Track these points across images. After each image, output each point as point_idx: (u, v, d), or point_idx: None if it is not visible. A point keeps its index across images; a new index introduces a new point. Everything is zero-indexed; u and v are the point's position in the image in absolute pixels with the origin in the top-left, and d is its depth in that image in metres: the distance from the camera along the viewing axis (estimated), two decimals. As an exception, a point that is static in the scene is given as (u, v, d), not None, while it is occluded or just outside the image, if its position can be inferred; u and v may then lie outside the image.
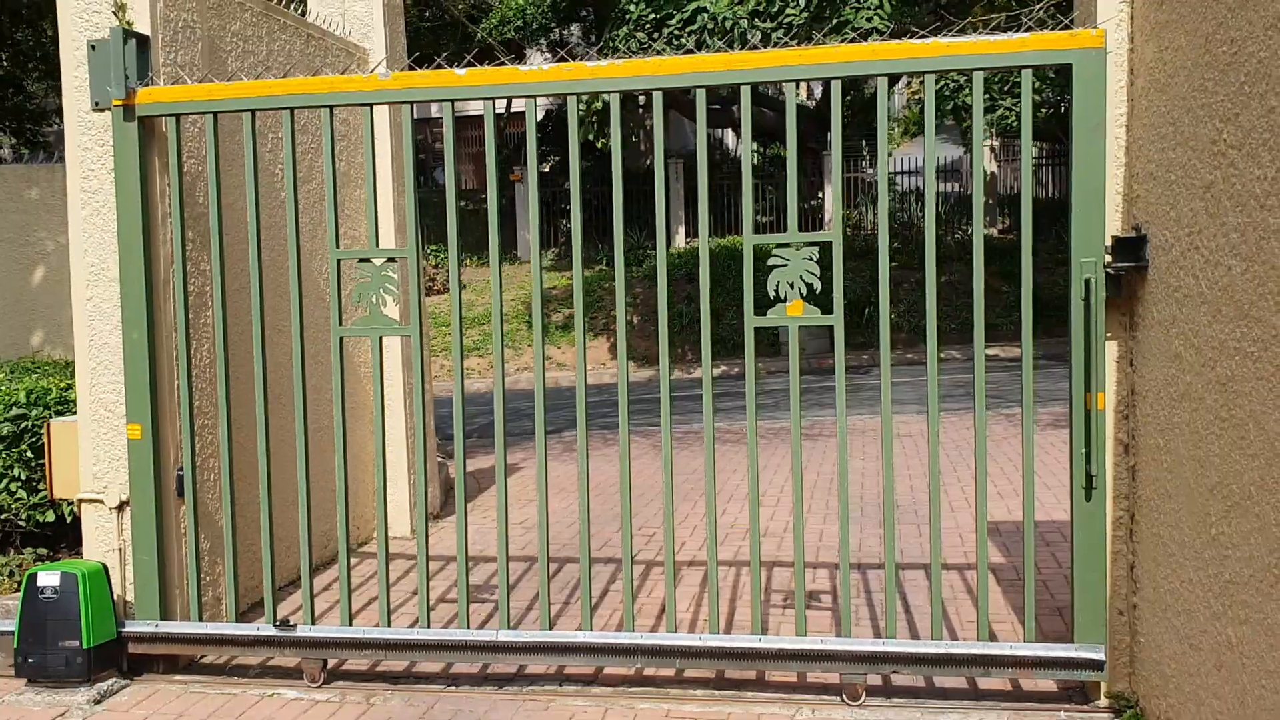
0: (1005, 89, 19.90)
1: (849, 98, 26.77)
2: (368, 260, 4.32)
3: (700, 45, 15.43)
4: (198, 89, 4.31)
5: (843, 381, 4.13)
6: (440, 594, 5.34)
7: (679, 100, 22.25)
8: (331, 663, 4.45)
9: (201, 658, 4.63)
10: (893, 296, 18.83)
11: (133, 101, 4.30)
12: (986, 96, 20.16)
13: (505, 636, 4.24)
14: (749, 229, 4.17)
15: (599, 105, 15.94)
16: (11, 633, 4.38)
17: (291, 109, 4.30)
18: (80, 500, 4.55)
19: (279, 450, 5.06)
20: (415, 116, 4.30)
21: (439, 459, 7.60)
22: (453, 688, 4.30)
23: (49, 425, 4.64)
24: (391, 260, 4.36)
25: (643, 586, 5.47)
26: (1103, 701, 3.92)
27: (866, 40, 14.38)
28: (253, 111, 4.32)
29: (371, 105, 4.29)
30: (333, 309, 4.35)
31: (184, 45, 4.68)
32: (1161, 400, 3.51)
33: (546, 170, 25.54)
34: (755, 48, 15.35)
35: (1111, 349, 3.84)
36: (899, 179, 24.34)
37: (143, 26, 4.41)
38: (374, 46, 6.61)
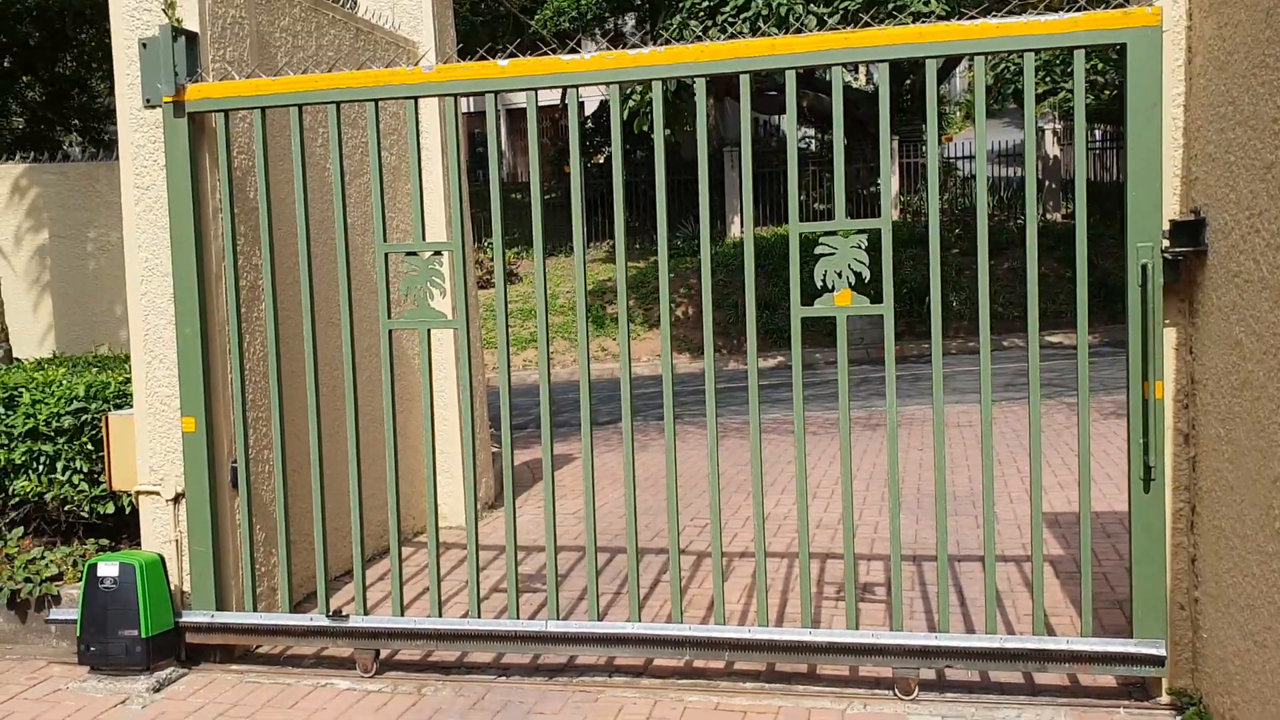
0: (1067, 71, 19.48)
1: (909, 82, 26.43)
2: (415, 254, 4.33)
3: (755, 33, 15.32)
4: (245, 84, 4.35)
5: (892, 371, 4.06)
6: (493, 584, 5.36)
7: (733, 87, 22.13)
8: (384, 653, 4.49)
9: (257, 648, 4.69)
10: (954, 284, 18.56)
11: (183, 98, 4.36)
12: (1048, 79, 19.79)
13: (555, 627, 4.25)
14: (795, 217, 4.12)
15: (651, 95, 15.89)
16: (75, 621, 4.48)
17: (337, 103, 4.32)
18: (138, 492, 4.64)
19: (332, 443, 5.11)
20: (474, 110, 4.32)
21: (494, 450, 7.63)
22: (503, 678, 4.31)
23: (107, 418, 4.73)
24: (438, 253, 4.37)
25: (693, 578, 5.44)
26: (1164, 698, 3.82)
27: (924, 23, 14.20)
28: (299, 106, 4.36)
29: (415, 98, 4.30)
30: (380, 302, 4.37)
31: (232, 41, 4.73)
32: (1222, 389, 3.40)
33: (602, 162, 25.53)
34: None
35: (1170, 336, 3.73)
36: (961, 164, 23.97)
37: (192, 23, 4.47)
38: (423, 39, 6.64)
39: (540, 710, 4.00)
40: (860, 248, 4.02)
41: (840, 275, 4.04)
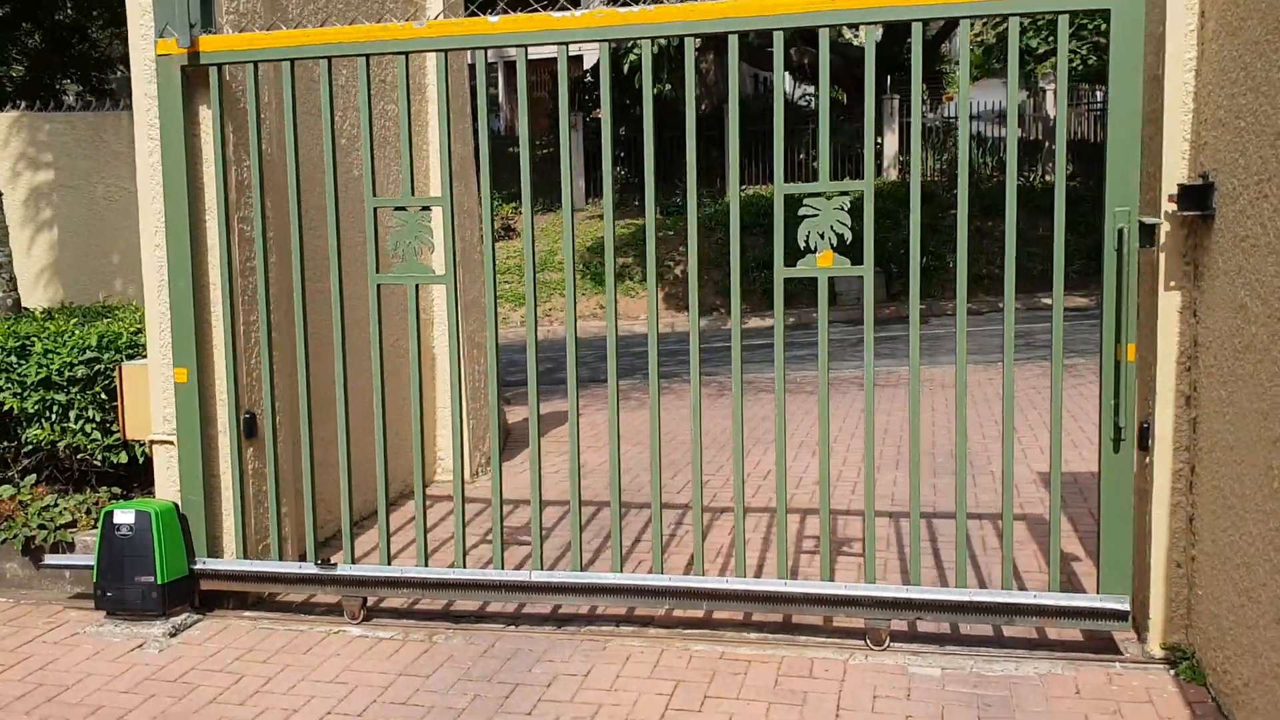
0: (1073, 32, 19.40)
1: (908, 41, 26.17)
2: (403, 209, 4.37)
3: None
4: (239, 39, 4.37)
5: (871, 332, 4.15)
6: (483, 535, 5.44)
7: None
8: (400, 602, 4.59)
9: (271, 595, 4.78)
10: (951, 244, 18.54)
11: (193, 49, 4.36)
12: (1050, 39, 19.65)
13: (538, 577, 4.35)
14: (780, 178, 4.14)
15: (653, 49, 15.76)
16: (90, 567, 4.56)
17: (329, 58, 4.33)
18: (151, 441, 4.70)
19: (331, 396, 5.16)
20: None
21: (500, 406, 7.69)
22: (512, 627, 4.41)
23: (121, 368, 4.78)
24: (426, 209, 4.40)
25: (675, 533, 5.55)
26: (1158, 652, 3.92)
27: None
28: (291, 61, 4.36)
29: (407, 54, 4.31)
30: (369, 257, 4.42)
31: (246, -8, 4.72)
32: (1225, 352, 3.46)
33: (596, 116, 25.38)
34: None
35: (1174, 299, 3.79)
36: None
37: (206, -27, 4.46)
38: (431, -8, 6.62)
39: (549, 658, 4.09)
40: (843, 209, 4.07)
41: (823, 236, 4.10)
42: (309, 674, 4.02)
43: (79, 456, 5.17)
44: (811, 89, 29.81)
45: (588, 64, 26.96)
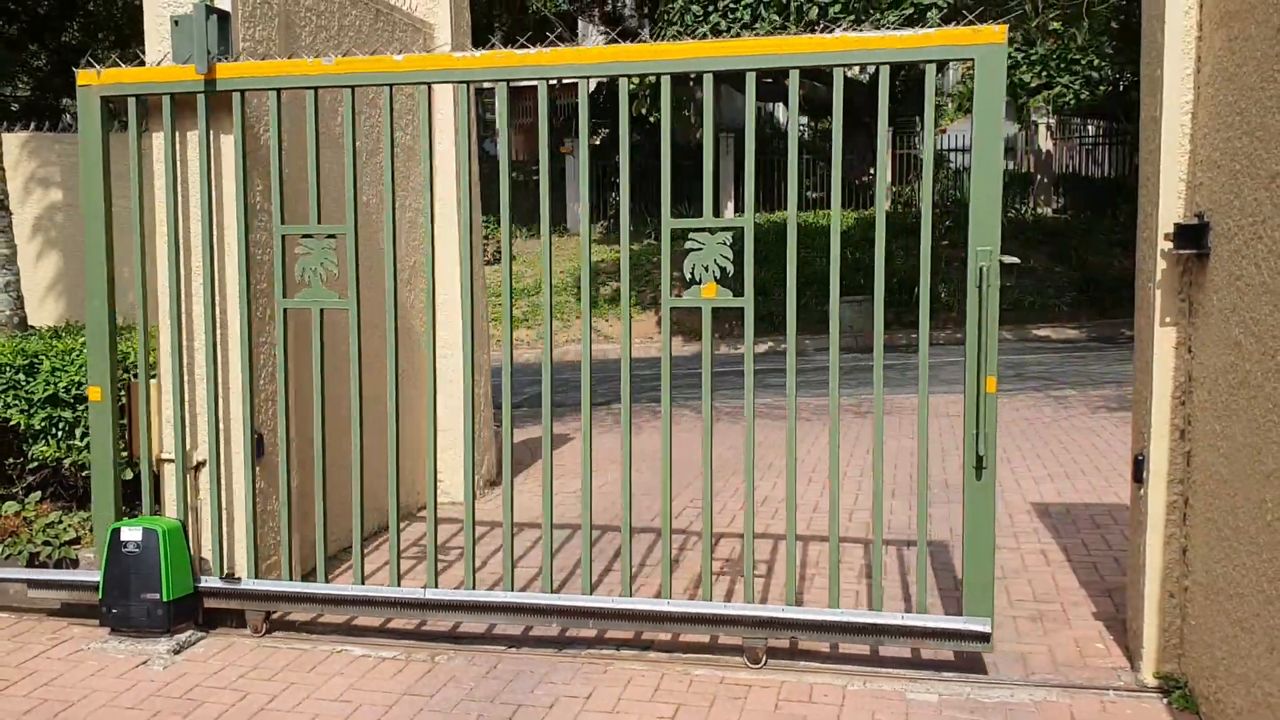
0: (1061, 66, 19.65)
1: (903, 74, 26.47)
2: (310, 236, 4.49)
3: (755, 19, 15.40)
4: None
5: (751, 364, 4.34)
6: (483, 559, 5.49)
7: (734, 76, 22.19)
8: (407, 624, 4.63)
9: (273, 614, 4.81)
10: (943, 275, 18.70)
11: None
12: (1044, 74, 19.90)
13: (432, 595, 4.50)
14: (666, 213, 4.30)
15: (651, 79, 15.94)
16: (94, 583, 4.59)
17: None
18: (160, 460, 4.74)
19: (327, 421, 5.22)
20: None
21: (496, 427, 7.75)
22: (513, 649, 4.45)
23: (131, 387, 4.83)
24: (332, 236, 4.51)
25: (649, 555, 5.61)
26: (1151, 681, 3.98)
27: (925, 17, 14.26)
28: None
29: (316, 89, 4.42)
30: (275, 282, 4.53)
31: (262, 20, 4.81)
32: (1219, 387, 3.55)
33: (598, 143, 25.56)
34: (813, 24, 15.15)
35: (1170, 335, 3.88)
36: (951, 156, 24.14)
37: (223, 2, 4.55)
38: (439, 22, 6.72)
39: (551, 680, 4.14)
40: (725, 244, 4.25)
41: (707, 269, 4.26)
42: (313, 692, 4.06)
43: (84, 474, 5.21)
44: (805, 120, 30.04)
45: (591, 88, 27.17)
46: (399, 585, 4.55)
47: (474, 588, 4.52)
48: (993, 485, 4.02)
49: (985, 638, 4.06)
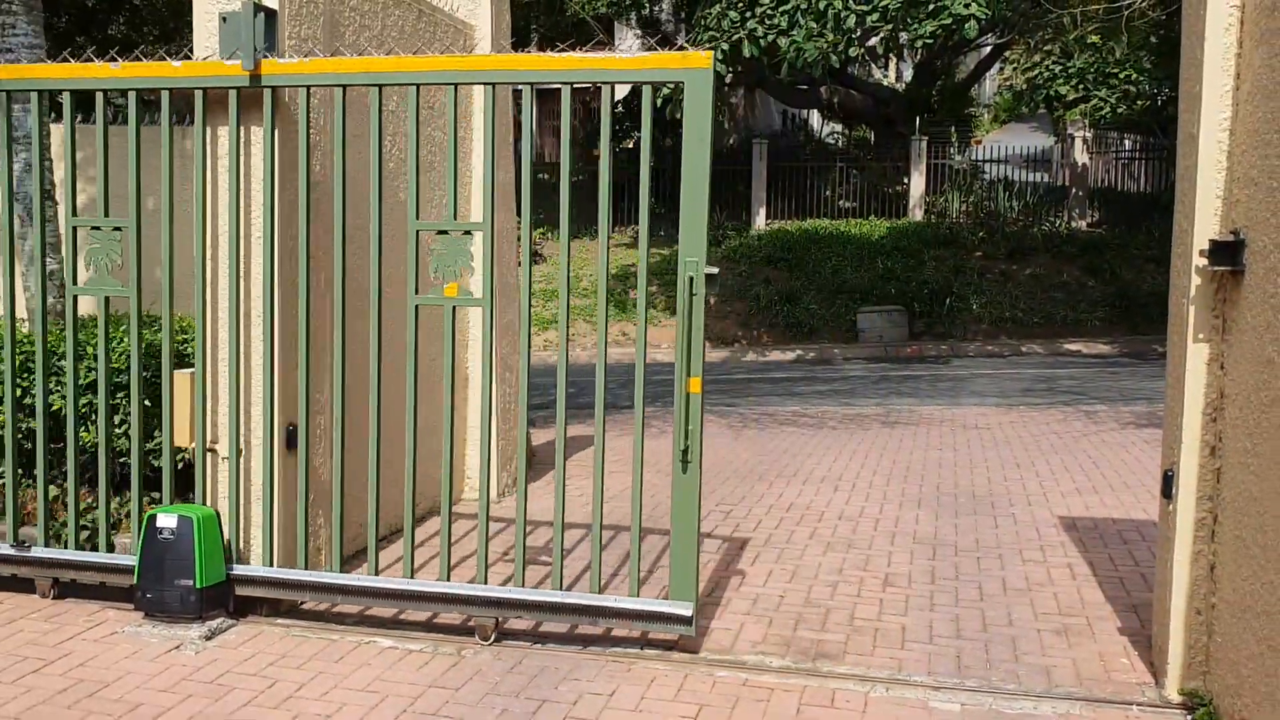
0: (1099, 80, 19.54)
1: (941, 82, 26.44)
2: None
3: (792, 26, 15.41)
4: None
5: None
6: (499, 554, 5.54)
7: (765, 80, 22.19)
8: (414, 615, 4.70)
9: (302, 603, 4.88)
10: (975, 286, 18.64)
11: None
12: (1080, 87, 19.79)
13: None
14: (412, 216, 4.50)
15: (676, 85, 15.95)
16: (128, 568, 4.68)
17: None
18: (204, 449, 4.82)
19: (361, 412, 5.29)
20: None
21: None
22: (539, 645, 4.50)
23: (171, 375, 4.90)
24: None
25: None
26: (1175, 697, 3.97)
27: (964, 25, 14.20)
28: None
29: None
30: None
31: (307, 19, 4.89)
32: (1251, 405, 3.54)
33: (630, 147, 25.63)
34: (850, 31, 15.11)
35: (1203, 351, 3.87)
36: (987, 166, 24.04)
37: (271, 0, 4.63)
38: (480, 23, 6.79)
39: (575, 676, 4.18)
40: (467, 247, 4.47)
41: (450, 269, 4.50)
42: (341, 681, 4.12)
43: (120, 460, 5.30)
44: (839, 127, 30.04)
45: (619, 95, 27.25)
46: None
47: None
48: (697, 478, 4.28)
49: (688, 620, 4.31)
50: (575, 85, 4.31)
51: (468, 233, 4.55)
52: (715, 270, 4.23)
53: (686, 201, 4.16)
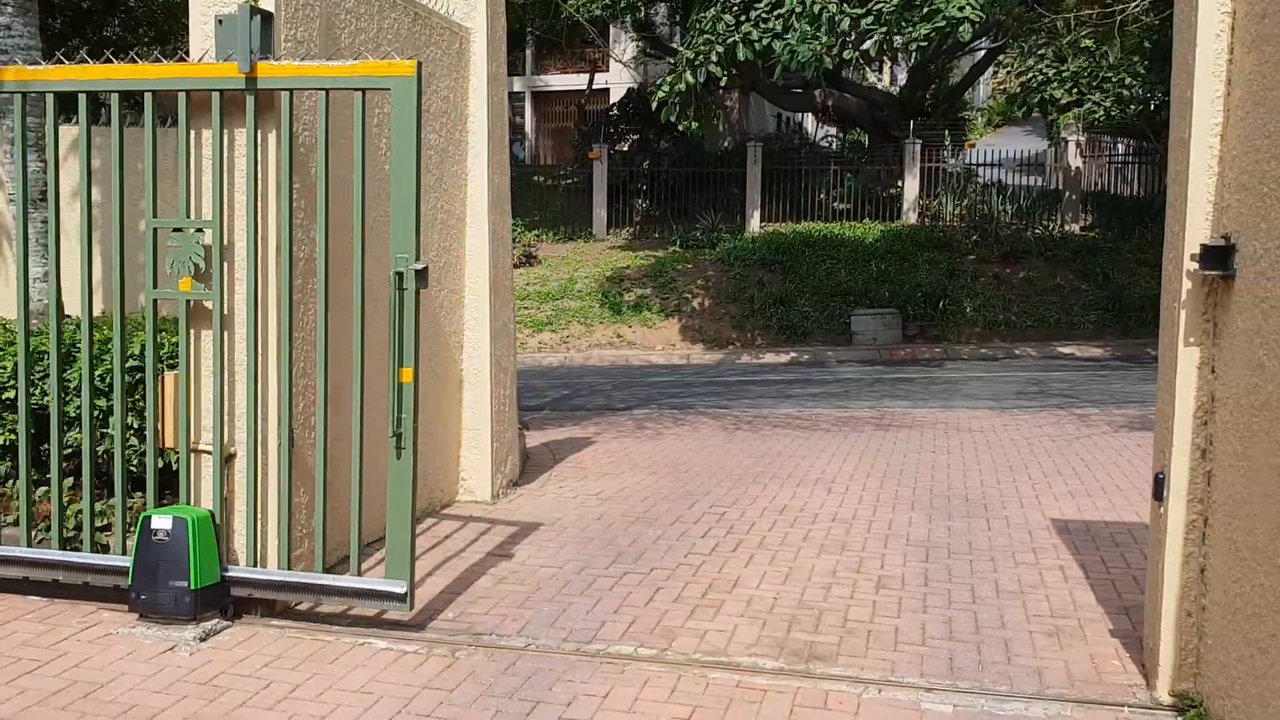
0: (1093, 84, 19.60)
1: (935, 86, 26.51)
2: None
3: (787, 29, 15.43)
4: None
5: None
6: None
7: (759, 82, 22.23)
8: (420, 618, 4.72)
9: (297, 605, 4.88)
10: (969, 290, 18.70)
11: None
12: (1074, 90, 19.86)
13: None
14: (150, 213, 4.75)
15: (681, 87, 15.98)
16: (122, 569, 4.68)
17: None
18: (192, 450, 4.82)
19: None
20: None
21: (520, 429, 7.82)
22: (533, 647, 4.51)
23: (164, 377, 4.91)
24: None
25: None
26: (1166, 699, 4.00)
27: (958, 29, 14.24)
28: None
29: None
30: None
31: (303, 22, 4.90)
32: (1242, 408, 3.57)
33: (625, 149, 25.67)
34: (845, 34, 15.07)
35: (1193, 355, 3.90)
36: (981, 170, 24.12)
37: (267, 2, 4.63)
38: (475, 26, 6.80)
39: (569, 678, 4.19)
40: (199, 244, 4.69)
41: (184, 264, 4.73)
42: (335, 683, 4.13)
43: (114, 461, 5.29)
44: (833, 130, 30.11)
45: (614, 98, 27.28)
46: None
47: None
48: (410, 462, 4.46)
49: (402, 598, 4.53)
50: (292, 90, 4.46)
51: (200, 229, 4.75)
52: (424, 266, 4.41)
53: (396, 202, 4.35)
